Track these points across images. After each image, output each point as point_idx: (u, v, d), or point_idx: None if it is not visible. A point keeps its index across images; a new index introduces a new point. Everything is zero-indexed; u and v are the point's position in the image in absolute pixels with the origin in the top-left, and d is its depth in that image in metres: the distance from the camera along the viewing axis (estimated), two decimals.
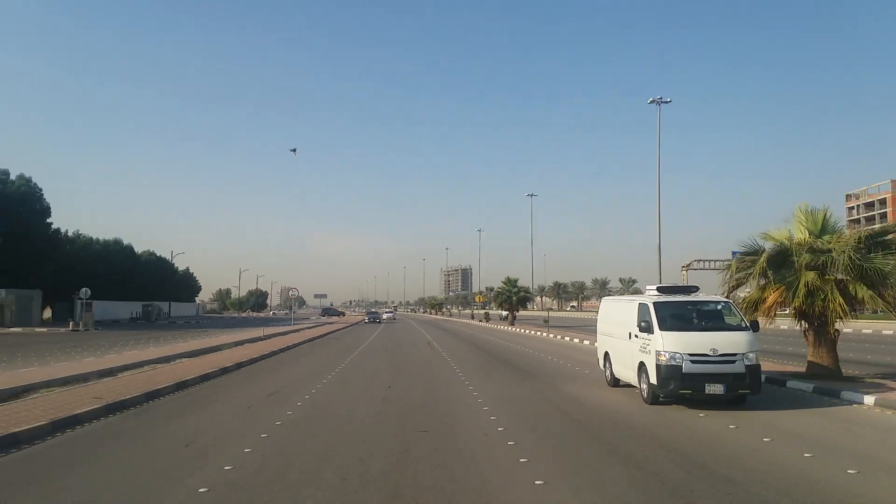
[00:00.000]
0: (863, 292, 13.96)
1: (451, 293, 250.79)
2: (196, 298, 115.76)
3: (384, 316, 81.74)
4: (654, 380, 11.84)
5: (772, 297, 14.88)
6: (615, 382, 14.64)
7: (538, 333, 39.09)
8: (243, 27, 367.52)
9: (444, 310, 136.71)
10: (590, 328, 36.20)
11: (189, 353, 22.92)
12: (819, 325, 14.90)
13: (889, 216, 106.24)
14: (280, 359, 22.96)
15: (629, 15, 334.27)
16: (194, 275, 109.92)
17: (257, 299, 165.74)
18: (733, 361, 11.44)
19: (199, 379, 15.77)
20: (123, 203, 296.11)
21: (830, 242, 14.50)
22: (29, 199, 48.75)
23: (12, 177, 48.78)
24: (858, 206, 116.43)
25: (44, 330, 42.98)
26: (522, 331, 44.04)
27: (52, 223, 53.42)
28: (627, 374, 13.53)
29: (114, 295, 61.90)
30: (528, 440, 8.93)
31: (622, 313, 14.36)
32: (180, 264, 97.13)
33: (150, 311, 65.96)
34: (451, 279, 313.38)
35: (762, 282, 15.26)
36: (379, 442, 8.67)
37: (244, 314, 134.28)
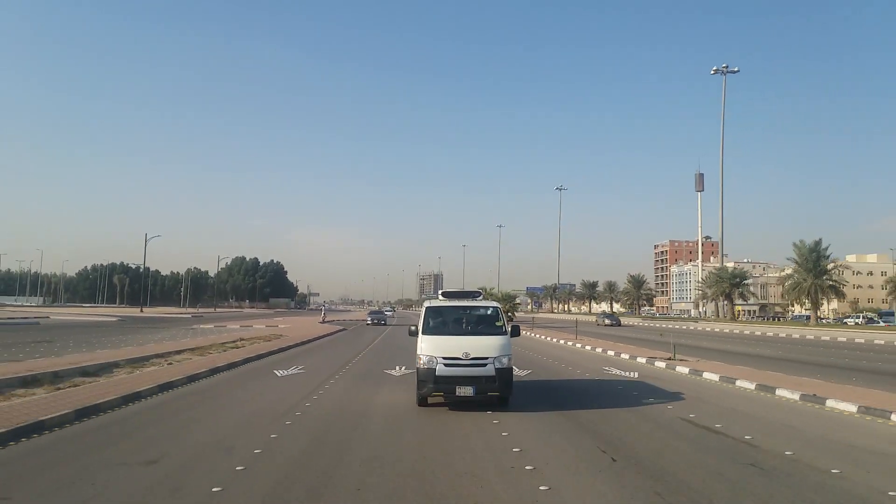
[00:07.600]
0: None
1: (423, 295, 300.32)
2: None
3: (387, 312, 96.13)
4: (416, 382, 12.37)
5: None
6: None
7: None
8: (223, 21, 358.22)
9: (412, 308, 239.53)
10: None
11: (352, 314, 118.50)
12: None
13: (668, 260, 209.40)
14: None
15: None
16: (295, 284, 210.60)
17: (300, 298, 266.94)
18: (484, 365, 11.80)
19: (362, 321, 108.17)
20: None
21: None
22: (281, 269, 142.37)
23: (274, 261, 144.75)
24: (657, 252, 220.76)
25: (301, 309, 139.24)
26: None
27: (287, 276, 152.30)
28: None
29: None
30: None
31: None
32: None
33: (302, 305, 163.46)
34: (424, 283, 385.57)
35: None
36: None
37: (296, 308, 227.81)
